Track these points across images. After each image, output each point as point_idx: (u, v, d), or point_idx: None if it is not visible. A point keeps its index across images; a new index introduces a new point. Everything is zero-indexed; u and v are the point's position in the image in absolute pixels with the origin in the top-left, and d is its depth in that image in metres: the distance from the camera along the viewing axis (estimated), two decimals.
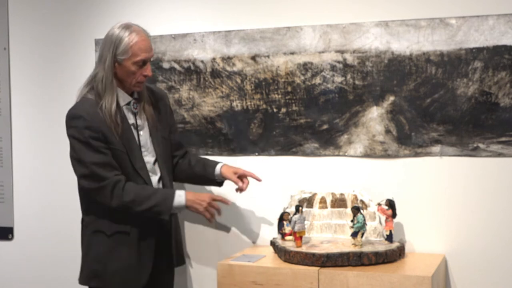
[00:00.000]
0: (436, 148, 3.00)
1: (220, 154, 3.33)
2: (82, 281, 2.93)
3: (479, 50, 2.92)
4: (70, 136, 2.83)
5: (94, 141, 2.77)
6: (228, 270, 2.84)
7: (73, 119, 2.81)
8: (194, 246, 3.40)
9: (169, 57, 3.40)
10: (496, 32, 2.89)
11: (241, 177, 3.01)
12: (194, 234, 3.40)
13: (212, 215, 2.92)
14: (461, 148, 2.97)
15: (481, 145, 2.94)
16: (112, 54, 2.80)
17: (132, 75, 2.83)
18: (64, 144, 3.61)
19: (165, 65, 3.40)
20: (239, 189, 3.01)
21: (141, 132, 2.91)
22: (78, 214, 2.99)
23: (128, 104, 2.90)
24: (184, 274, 3.41)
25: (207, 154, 3.34)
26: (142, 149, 2.90)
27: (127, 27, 2.83)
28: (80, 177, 2.82)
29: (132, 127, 2.89)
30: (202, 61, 3.35)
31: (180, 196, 2.84)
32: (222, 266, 2.86)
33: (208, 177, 3.06)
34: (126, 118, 2.88)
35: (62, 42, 3.64)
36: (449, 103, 2.97)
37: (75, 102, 2.88)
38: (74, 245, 3.54)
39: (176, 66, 3.39)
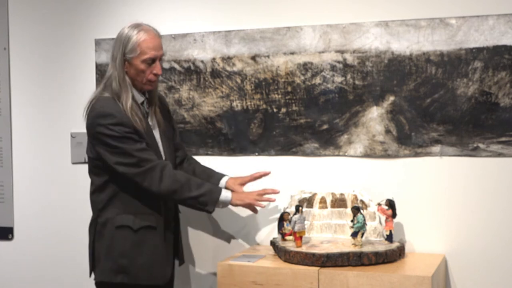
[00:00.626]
0: (436, 148, 3.00)
1: (220, 154, 3.33)
2: (104, 277, 2.88)
3: (479, 50, 2.92)
4: (100, 134, 2.79)
5: (130, 134, 2.79)
6: (228, 270, 2.84)
7: (102, 117, 2.79)
8: (194, 246, 3.40)
9: (169, 57, 3.40)
10: (496, 32, 2.89)
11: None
12: (194, 234, 3.41)
13: (260, 204, 2.92)
14: (461, 148, 2.97)
15: (481, 145, 2.94)
16: (121, 52, 2.82)
17: (142, 74, 2.84)
18: (64, 144, 3.64)
19: (165, 65, 3.40)
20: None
21: (153, 132, 2.93)
22: (78, 214, 3.00)
23: (142, 103, 2.91)
24: (184, 274, 3.41)
25: (207, 154, 3.34)
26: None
27: (136, 26, 2.85)
28: (121, 164, 2.79)
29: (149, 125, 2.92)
30: (202, 61, 3.35)
31: (227, 192, 2.89)
32: (222, 266, 2.86)
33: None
34: (145, 115, 2.91)
35: (62, 42, 3.64)
36: (449, 103, 2.97)
37: (91, 101, 2.85)
38: (74, 245, 3.56)
39: (176, 66, 3.39)
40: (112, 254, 2.85)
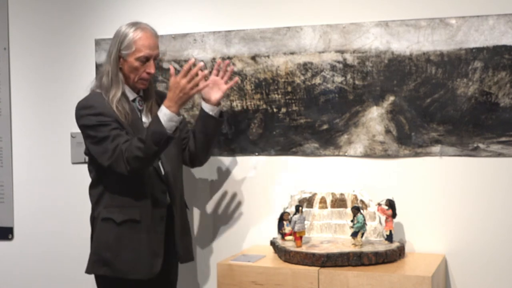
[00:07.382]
0: (436, 148, 3.00)
1: (220, 154, 3.33)
2: (90, 269, 2.91)
3: (479, 50, 2.92)
4: (82, 126, 2.84)
5: (109, 121, 2.78)
6: (228, 270, 2.84)
7: (83, 109, 2.84)
8: (194, 246, 3.40)
9: (169, 57, 3.40)
10: (496, 32, 2.89)
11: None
12: (194, 234, 3.40)
13: (197, 84, 2.80)
14: (461, 148, 2.97)
15: (481, 145, 2.94)
16: (117, 48, 2.87)
17: (135, 71, 2.88)
18: (64, 144, 3.64)
19: (165, 65, 3.40)
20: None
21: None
22: (78, 214, 3.00)
23: (134, 100, 2.93)
24: (184, 274, 3.41)
25: None
26: None
27: (134, 24, 2.90)
28: (98, 154, 2.80)
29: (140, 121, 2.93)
30: (202, 61, 3.34)
31: (161, 110, 2.76)
32: (222, 266, 2.86)
33: (205, 120, 3.00)
34: (136, 111, 2.91)
35: (62, 42, 3.64)
36: (449, 103, 2.97)
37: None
38: (74, 244, 3.56)
39: (176, 66, 3.39)
40: (98, 247, 2.88)
